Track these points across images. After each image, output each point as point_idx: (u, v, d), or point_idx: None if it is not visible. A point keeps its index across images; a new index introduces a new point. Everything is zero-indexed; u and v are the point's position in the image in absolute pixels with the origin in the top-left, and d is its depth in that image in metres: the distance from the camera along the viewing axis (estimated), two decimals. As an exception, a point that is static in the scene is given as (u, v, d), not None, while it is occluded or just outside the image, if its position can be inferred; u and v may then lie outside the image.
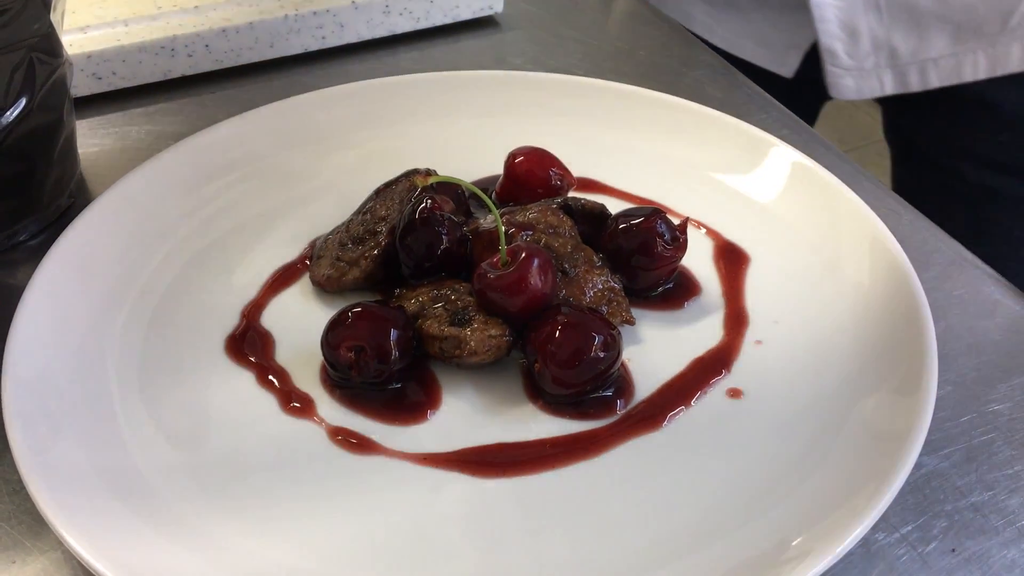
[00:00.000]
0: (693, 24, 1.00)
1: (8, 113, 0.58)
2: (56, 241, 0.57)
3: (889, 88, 0.94)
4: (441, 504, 0.48)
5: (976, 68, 0.89)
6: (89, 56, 0.76)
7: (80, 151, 0.71)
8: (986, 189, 0.97)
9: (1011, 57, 0.88)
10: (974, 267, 0.63)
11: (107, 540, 0.43)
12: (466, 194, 0.61)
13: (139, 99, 0.78)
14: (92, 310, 0.56)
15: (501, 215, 0.57)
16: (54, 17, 0.60)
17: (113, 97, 0.78)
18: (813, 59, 0.96)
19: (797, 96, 0.88)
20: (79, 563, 0.45)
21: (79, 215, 0.59)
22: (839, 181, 0.62)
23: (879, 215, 0.60)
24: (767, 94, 0.81)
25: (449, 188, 0.59)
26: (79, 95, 0.77)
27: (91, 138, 0.74)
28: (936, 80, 0.91)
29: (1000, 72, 0.89)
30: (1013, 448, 0.52)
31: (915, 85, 0.92)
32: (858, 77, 0.93)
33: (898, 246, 0.57)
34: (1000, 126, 0.94)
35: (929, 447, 0.51)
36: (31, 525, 0.48)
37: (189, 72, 0.80)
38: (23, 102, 0.59)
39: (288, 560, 0.45)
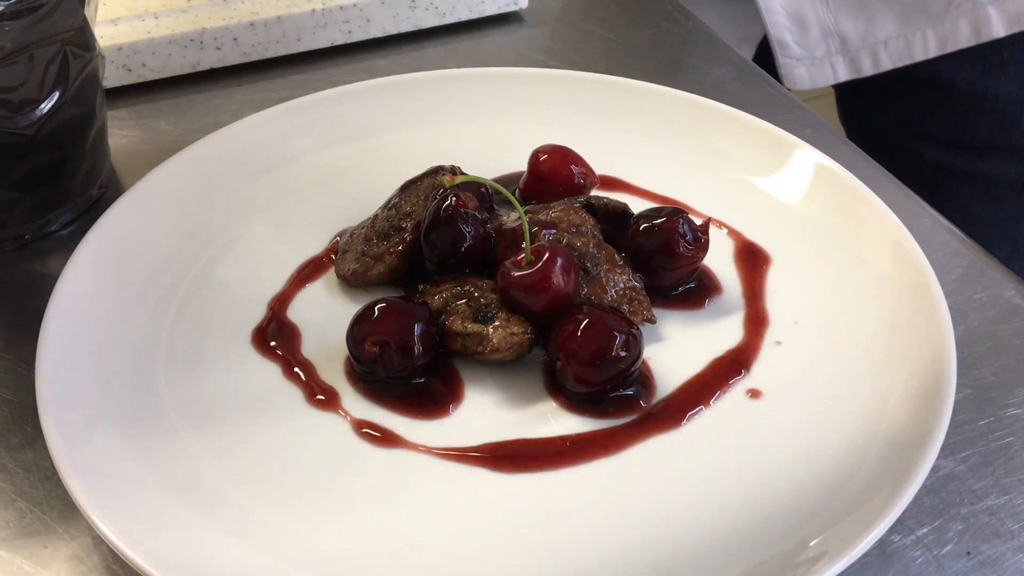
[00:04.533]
0: None
1: (42, 105, 0.59)
2: (88, 232, 0.58)
3: (843, 75, 0.94)
4: (461, 497, 0.49)
5: (926, 47, 0.90)
6: (119, 48, 0.77)
7: (110, 142, 0.72)
8: (942, 168, 0.97)
9: (959, 33, 0.88)
10: (995, 271, 0.63)
11: (136, 526, 0.44)
12: (490, 191, 0.61)
13: (168, 91, 0.80)
14: (122, 300, 0.57)
15: (524, 213, 0.57)
16: (88, 11, 0.61)
17: (143, 89, 0.79)
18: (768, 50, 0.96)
19: None
20: (109, 548, 0.46)
21: (110, 206, 0.60)
22: (861, 183, 0.62)
23: (900, 217, 0.60)
24: (791, 94, 0.81)
25: (473, 185, 0.60)
26: (109, 86, 0.78)
27: (121, 129, 0.75)
28: (888, 62, 0.92)
29: (950, 48, 0.89)
30: (1030, 453, 0.52)
31: (868, 69, 0.93)
32: (810, 66, 0.94)
33: (919, 249, 0.57)
34: (954, 104, 0.94)
35: (947, 450, 0.52)
36: (62, 511, 0.49)
37: (217, 65, 0.81)
38: (57, 95, 0.60)
39: (311, 549, 0.46)
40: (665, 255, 0.57)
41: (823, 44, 0.92)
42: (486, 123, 0.71)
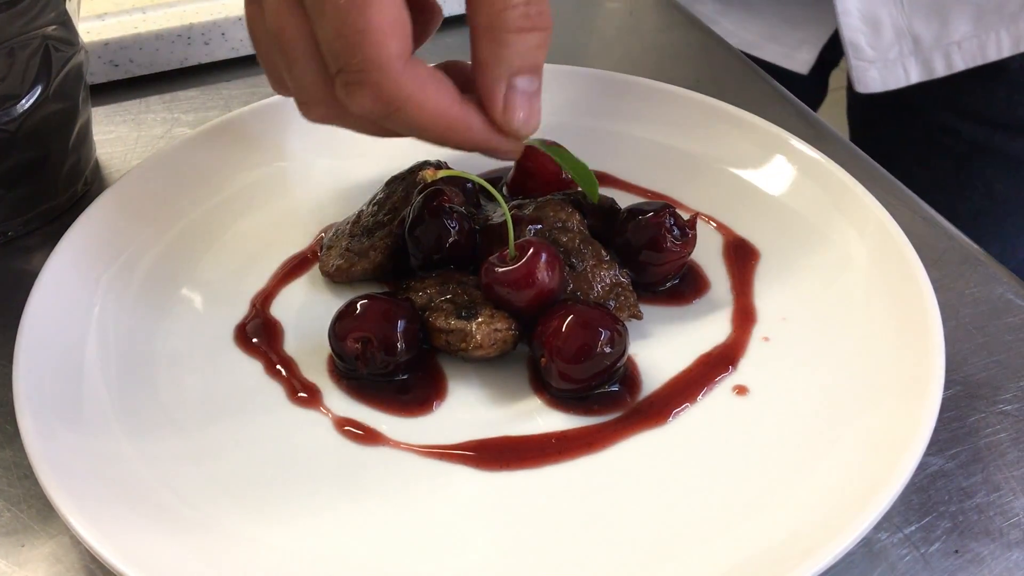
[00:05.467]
0: (699, 16, 0.99)
1: (23, 101, 0.59)
2: (68, 229, 0.58)
3: (914, 76, 0.93)
4: (444, 496, 0.48)
5: (1000, 47, 0.89)
6: (106, 44, 0.76)
7: (96, 138, 0.72)
8: (977, 145, 0.96)
9: None
10: (987, 266, 0.62)
11: (113, 526, 0.44)
12: (476, 186, 0.61)
13: (156, 86, 0.79)
14: (103, 298, 0.56)
15: (510, 208, 0.57)
16: (70, 6, 0.60)
17: (130, 84, 0.79)
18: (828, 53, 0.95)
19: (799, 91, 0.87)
20: (86, 548, 0.46)
21: (92, 203, 0.60)
22: (851, 178, 0.62)
23: (892, 211, 0.59)
24: (783, 87, 0.80)
25: (459, 180, 0.59)
26: (96, 82, 0.77)
27: (107, 125, 0.75)
28: (961, 63, 0.91)
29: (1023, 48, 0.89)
30: (1020, 450, 0.51)
31: (940, 70, 0.92)
32: (882, 68, 0.93)
33: (909, 245, 0.57)
34: (1000, 84, 0.93)
35: (935, 447, 0.51)
36: (40, 509, 0.49)
37: (205, 60, 0.80)
38: (38, 90, 0.60)
39: (292, 549, 0.45)
40: (652, 250, 0.57)
41: (896, 46, 0.91)
42: (474, 118, 0.71)
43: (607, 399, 0.52)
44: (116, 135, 0.74)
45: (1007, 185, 0.97)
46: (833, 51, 1.01)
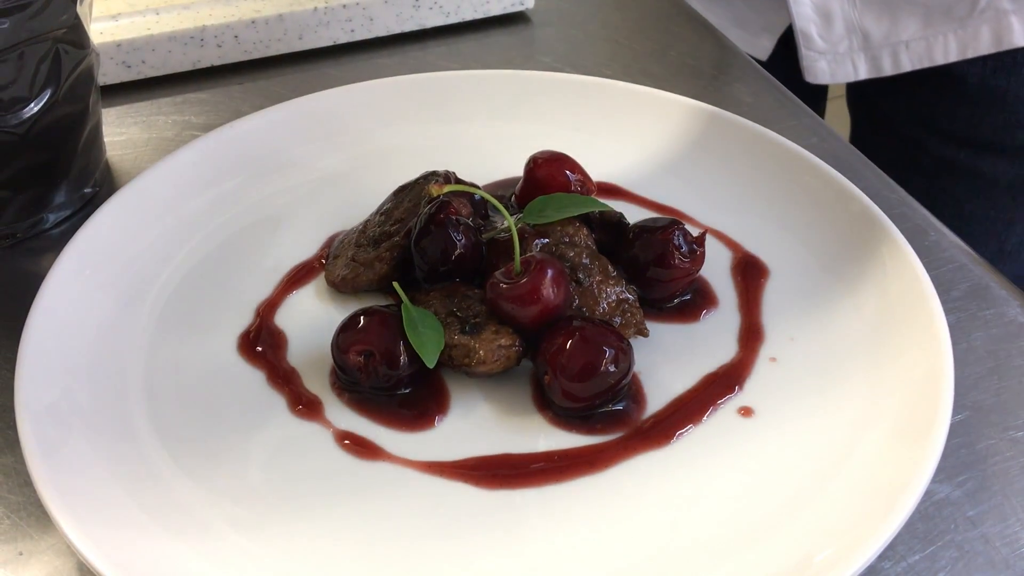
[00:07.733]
0: None
1: (32, 104, 0.59)
2: (74, 234, 0.57)
3: (863, 72, 0.94)
4: (444, 514, 0.48)
5: (947, 51, 0.90)
6: (119, 45, 0.76)
7: (107, 139, 0.71)
8: (944, 161, 0.97)
9: (980, 39, 0.89)
10: (1000, 288, 0.61)
11: (109, 537, 0.44)
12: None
13: (168, 88, 0.79)
14: (108, 303, 0.56)
15: (517, 222, 0.56)
16: (80, 9, 0.60)
17: (142, 86, 0.79)
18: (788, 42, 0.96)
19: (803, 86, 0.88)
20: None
21: (99, 208, 0.60)
22: (866, 197, 0.61)
23: (907, 230, 0.59)
24: (798, 100, 0.79)
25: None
26: (108, 83, 0.77)
27: (119, 126, 0.75)
28: (908, 63, 0.92)
29: (971, 54, 0.90)
30: (1029, 478, 0.51)
31: (888, 69, 0.93)
32: (832, 61, 0.94)
33: (921, 267, 0.56)
34: (963, 99, 0.94)
35: (942, 474, 0.50)
36: (40, 517, 0.49)
37: (218, 62, 0.80)
38: (48, 93, 0.59)
39: (289, 564, 0.45)
40: (659, 267, 0.56)
41: (846, 40, 0.93)
42: (484, 126, 0.70)
43: (611, 418, 0.52)
44: (127, 137, 0.74)
45: (975, 206, 0.97)
46: None
